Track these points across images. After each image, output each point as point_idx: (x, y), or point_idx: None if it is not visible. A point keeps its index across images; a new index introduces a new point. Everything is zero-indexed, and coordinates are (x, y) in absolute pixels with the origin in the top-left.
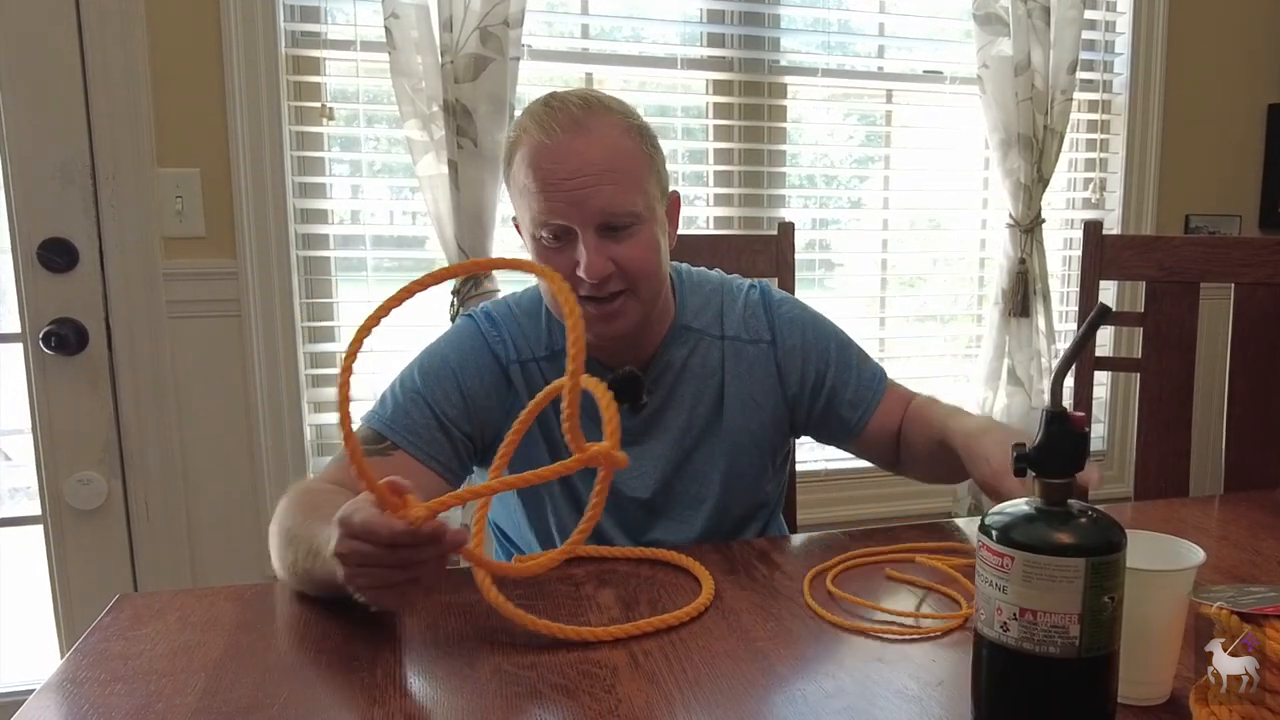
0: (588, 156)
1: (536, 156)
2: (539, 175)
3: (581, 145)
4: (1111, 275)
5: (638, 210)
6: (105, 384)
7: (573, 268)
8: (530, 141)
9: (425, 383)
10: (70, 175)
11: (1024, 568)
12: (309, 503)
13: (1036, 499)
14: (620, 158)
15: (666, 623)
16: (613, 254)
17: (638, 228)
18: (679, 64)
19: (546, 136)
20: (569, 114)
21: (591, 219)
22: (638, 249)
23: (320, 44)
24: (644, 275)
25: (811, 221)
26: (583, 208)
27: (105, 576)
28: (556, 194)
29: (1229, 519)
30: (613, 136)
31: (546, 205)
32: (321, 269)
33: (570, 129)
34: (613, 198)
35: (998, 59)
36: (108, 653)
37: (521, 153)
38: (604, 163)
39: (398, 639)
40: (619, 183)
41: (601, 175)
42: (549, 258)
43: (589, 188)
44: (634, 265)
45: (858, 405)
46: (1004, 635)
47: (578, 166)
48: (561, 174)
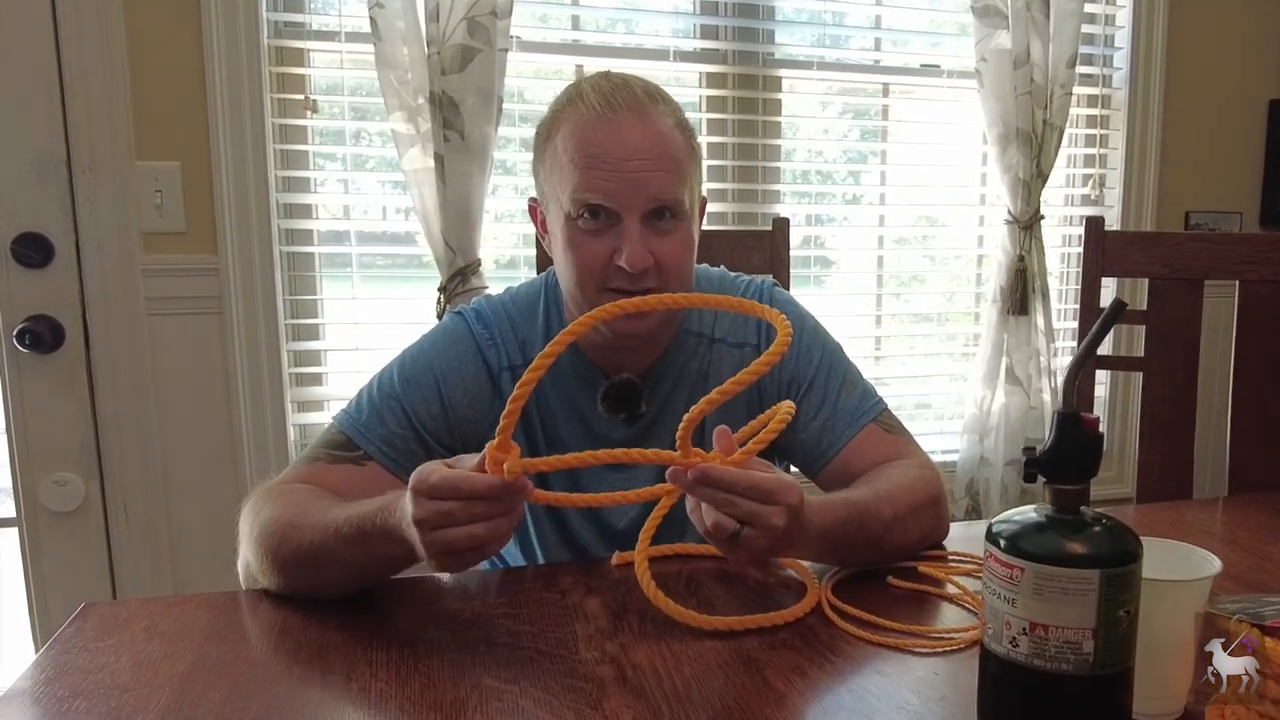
0: (647, 140)
1: (591, 129)
2: (590, 149)
3: (640, 128)
4: (1114, 272)
5: (685, 204)
6: (82, 383)
7: (608, 255)
8: (585, 112)
9: (404, 388)
10: (45, 168)
11: (1034, 580)
12: (296, 500)
13: (1047, 506)
14: (674, 148)
15: (773, 621)
16: (653, 247)
17: (680, 223)
18: (671, 56)
19: (609, 110)
20: (632, 93)
21: (642, 204)
22: (677, 245)
23: (304, 35)
24: (679, 274)
25: (806, 218)
26: (634, 191)
27: (82, 581)
28: (606, 173)
29: (1234, 522)
30: (668, 126)
31: (593, 182)
32: (305, 265)
33: (633, 108)
34: (666, 184)
35: (996, 52)
36: (69, 666)
37: (570, 123)
38: (660, 149)
39: (373, 650)
40: (673, 172)
41: (657, 161)
42: (582, 241)
43: (645, 171)
44: (672, 262)
45: (821, 439)
46: (1013, 651)
47: (636, 148)
48: (617, 152)
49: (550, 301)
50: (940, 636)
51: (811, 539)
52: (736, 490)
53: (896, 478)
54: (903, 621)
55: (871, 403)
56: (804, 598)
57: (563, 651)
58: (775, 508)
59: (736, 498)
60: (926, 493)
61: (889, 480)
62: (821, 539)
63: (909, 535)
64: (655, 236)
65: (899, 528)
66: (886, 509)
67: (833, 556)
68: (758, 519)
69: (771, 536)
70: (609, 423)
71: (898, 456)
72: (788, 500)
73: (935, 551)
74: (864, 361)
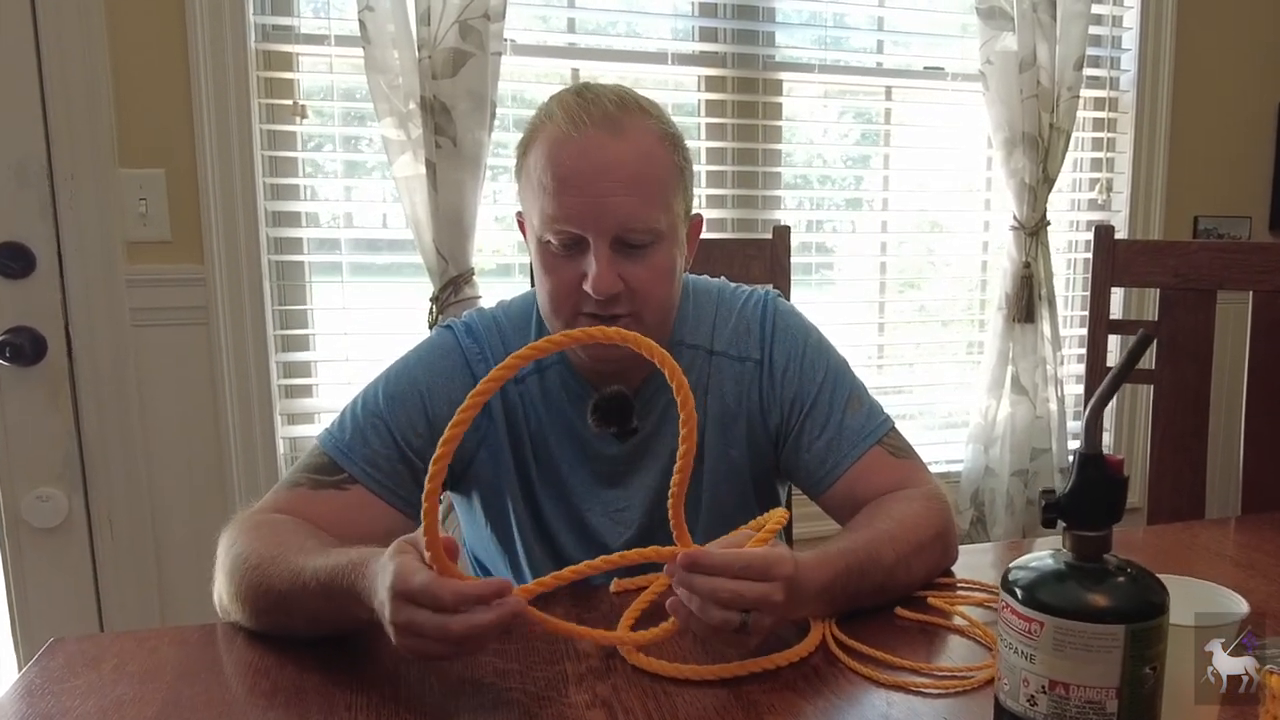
0: (615, 159)
1: (558, 150)
2: (557, 171)
3: (610, 145)
4: (1123, 282)
5: (659, 228)
6: (65, 396)
7: (578, 280)
8: (553, 132)
9: (389, 405)
10: (26, 176)
11: (1055, 635)
12: (271, 537)
13: (1066, 552)
14: (650, 166)
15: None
16: (624, 272)
17: (656, 247)
18: (669, 59)
19: (574, 129)
20: (602, 108)
21: (608, 230)
22: (651, 271)
23: (292, 38)
24: (653, 301)
25: (807, 224)
26: (600, 217)
27: (67, 599)
28: (574, 196)
29: (1250, 544)
30: (646, 142)
31: (560, 208)
32: (295, 274)
33: (602, 125)
34: (635, 210)
35: (1002, 54)
36: (31, 712)
37: (541, 143)
38: (632, 168)
39: (353, 693)
40: (644, 194)
41: (628, 183)
42: (554, 266)
43: (611, 195)
44: (644, 288)
45: (825, 460)
46: (1031, 710)
47: (603, 169)
48: (584, 175)
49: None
50: (950, 676)
51: (809, 599)
52: (730, 573)
53: (899, 514)
54: (910, 657)
55: (878, 422)
56: (807, 634)
57: (552, 694)
58: (774, 584)
59: (732, 581)
60: (931, 528)
61: (891, 518)
62: (820, 596)
63: (914, 575)
64: (627, 261)
65: (902, 569)
66: (888, 552)
67: (835, 609)
68: (761, 601)
69: (774, 613)
70: (601, 440)
71: (904, 484)
72: (783, 573)
73: (943, 579)
74: (866, 370)
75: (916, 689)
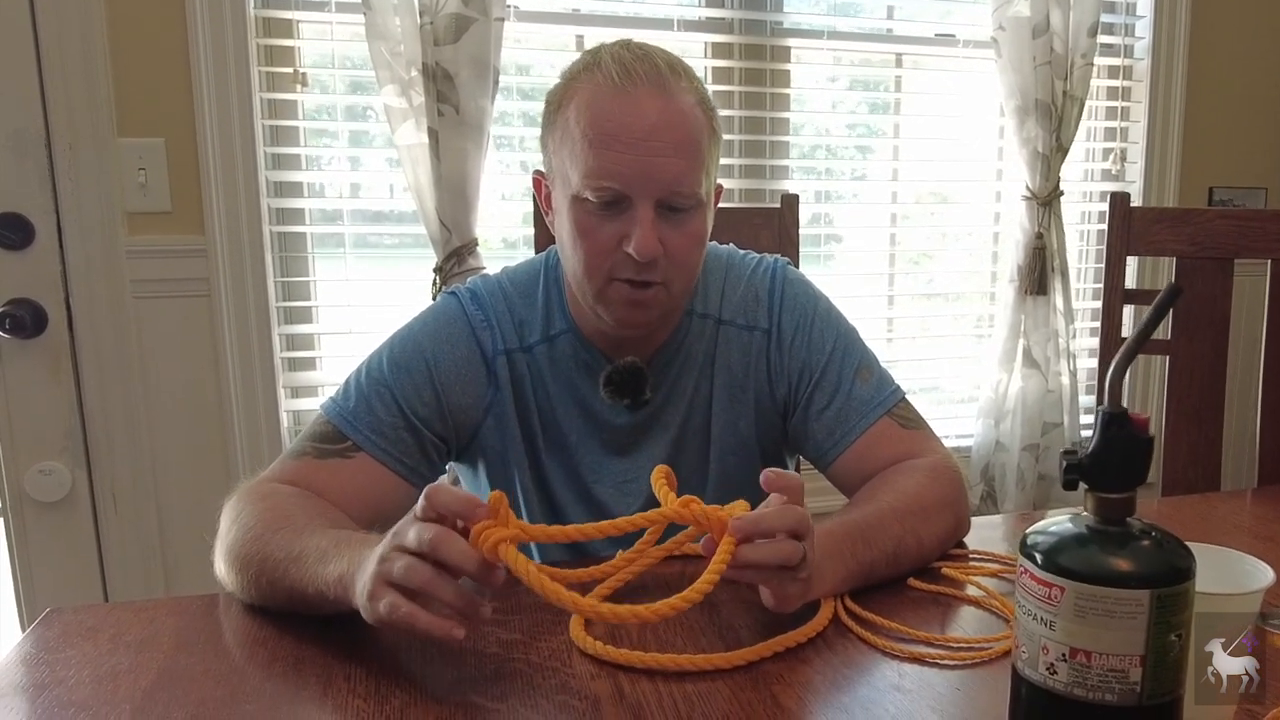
0: (667, 119)
1: (608, 102)
2: (605, 125)
3: (662, 106)
4: (1139, 251)
5: (701, 194)
6: (67, 368)
7: (616, 241)
8: (602, 83)
9: (394, 373)
10: (24, 146)
11: (1076, 600)
12: (272, 512)
13: (1089, 515)
14: (696, 130)
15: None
16: (665, 237)
17: (695, 213)
18: (676, 25)
19: (628, 82)
20: (654, 66)
21: (656, 190)
22: (687, 238)
23: (292, 4)
24: (686, 269)
25: (816, 194)
26: (649, 177)
27: (71, 573)
28: (622, 153)
29: (1268, 515)
30: (690, 105)
31: (606, 163)
32: (297, 245)
33: (654, 82)
34: (683, 173)
35: (1014, 20)
36: (23, 682)
37: (584, 93)
38: (682, 131)
39: (352, 663)
40: (692, 159)
41: (678, 145)
42: (591, 226)
43: (661, 155)
44: (680, 255)
45: (834, 430)
46: (1050, 678)
47: (655, 128)
48: (635, 131)
49: (550, 282)
50: (964, 648)
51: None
52: (782, 529)
53: (901, 487)
54: (923, 628)
55: (888, 392)
56: (819, 610)
57: (556, 664)
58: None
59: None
60: (935, 497)
61: (893, 490)
62: (830, 560)
63: (925, 546)
64: (667, 226)
65: (911, 540)
66: (893, 523)
67: (849, 583)
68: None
69: (809, 567)
70: (612, 410)
71: (913, 454)
72: (809, 526)
73: (956, 550)
74: (876, 343)
75: (929, 660)
